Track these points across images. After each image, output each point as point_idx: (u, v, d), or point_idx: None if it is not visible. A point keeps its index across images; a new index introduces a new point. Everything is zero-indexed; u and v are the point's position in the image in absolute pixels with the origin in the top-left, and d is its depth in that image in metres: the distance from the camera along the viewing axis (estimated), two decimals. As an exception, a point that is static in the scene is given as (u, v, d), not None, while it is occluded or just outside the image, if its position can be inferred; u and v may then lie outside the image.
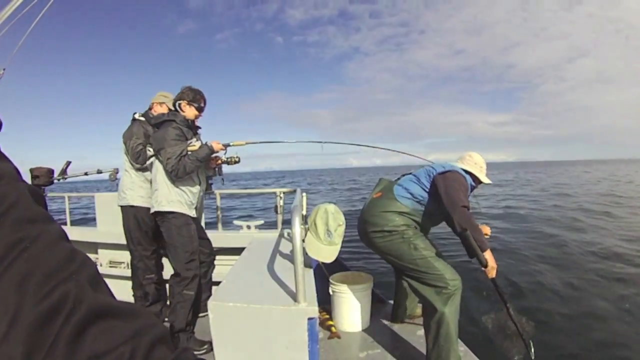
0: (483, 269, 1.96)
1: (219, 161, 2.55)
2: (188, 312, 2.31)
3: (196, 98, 2.35)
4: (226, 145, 2.44)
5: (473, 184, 2.20)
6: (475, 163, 2.22)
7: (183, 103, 2.34)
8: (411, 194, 2.11)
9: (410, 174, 2.25)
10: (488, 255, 1.91)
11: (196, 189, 2.39)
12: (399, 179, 2.26)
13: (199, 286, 2.48)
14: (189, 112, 2.36)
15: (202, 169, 2.48)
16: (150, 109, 2.78)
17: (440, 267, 1.97)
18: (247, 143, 2.60)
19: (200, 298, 2.72)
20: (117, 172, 3.12)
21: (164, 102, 2.71)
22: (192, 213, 2.39)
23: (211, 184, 2.93)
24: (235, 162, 2.58)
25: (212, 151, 2.33)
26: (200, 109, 2.39)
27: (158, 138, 2.28)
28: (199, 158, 2.25)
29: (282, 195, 3.13)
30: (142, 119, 2.77)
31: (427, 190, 2.09)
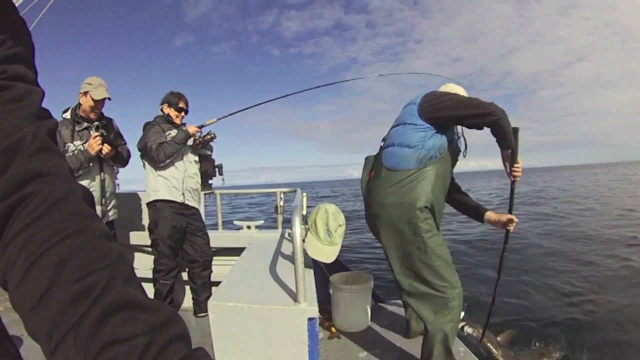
0: (508, 220, 1.89)
1: (198, 141, 2.77)
2: (162, 299, 2.57)
3: (174, 101, 2.69)
4: (200, 126, 2.74)
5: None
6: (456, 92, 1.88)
7: (164, 106, 2.71)
8: (407, 145, 1.71)
9: (388, 133, 1.90)
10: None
11: (178, 173, 2.63)
12: (379, 153, 1.90)
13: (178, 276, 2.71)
14: (171, 113, 2.70)
15: (190, 161, 2.71)
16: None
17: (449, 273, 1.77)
18: (218, 119, 2.84)
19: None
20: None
21: (87, 91, 2.41)
22: (179, 198, 2.61)
23: (211, 184, 2.93)
24: (212, 139, 2.83)
25: (188, 134, 2.62)
26: (179, 110, 2.69)
27: (141, 138, 2.62)
28: (177, 141, 2.55)
29: (282, 195, 3.12)
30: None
31: (424, 126, 1.71)
